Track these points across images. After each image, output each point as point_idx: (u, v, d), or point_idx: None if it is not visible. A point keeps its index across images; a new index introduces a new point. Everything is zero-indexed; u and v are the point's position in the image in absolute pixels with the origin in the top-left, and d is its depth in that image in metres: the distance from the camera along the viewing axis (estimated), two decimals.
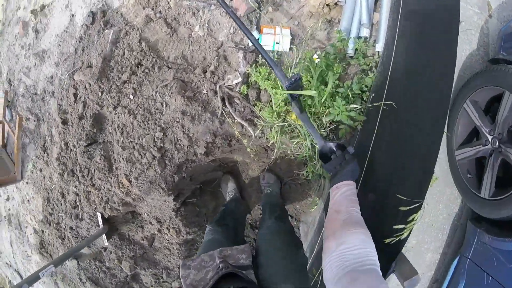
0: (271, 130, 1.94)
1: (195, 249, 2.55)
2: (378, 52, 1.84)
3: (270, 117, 1.86)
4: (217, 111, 1.99)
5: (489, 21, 2.24)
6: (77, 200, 2.38)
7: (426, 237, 2.28)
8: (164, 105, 2.08)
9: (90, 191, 2.27)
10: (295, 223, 2.58)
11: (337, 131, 1.93)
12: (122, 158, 2.06)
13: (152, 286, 2.56)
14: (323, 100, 1.72)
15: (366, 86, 1.74)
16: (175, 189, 2.09)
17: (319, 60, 1.75)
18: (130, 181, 2.02)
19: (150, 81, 2.13)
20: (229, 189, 2.56)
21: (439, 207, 2.25)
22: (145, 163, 2.00)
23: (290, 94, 1.34)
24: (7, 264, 3.80)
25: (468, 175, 2.02)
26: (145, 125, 2.10)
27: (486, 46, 2.21)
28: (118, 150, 2.09)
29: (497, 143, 1.79)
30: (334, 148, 1.37)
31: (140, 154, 2.03)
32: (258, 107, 1.95)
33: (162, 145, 2.00)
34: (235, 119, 1.96)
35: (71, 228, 2.50)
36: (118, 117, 2.16)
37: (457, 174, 2.06)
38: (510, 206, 1.62)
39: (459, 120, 2.05)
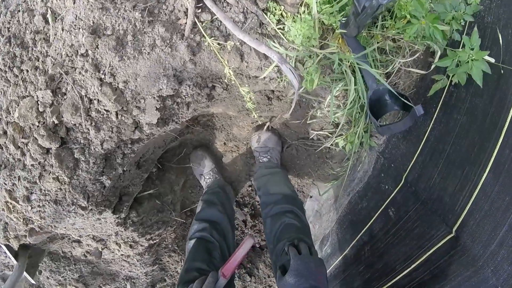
0: (302, 65, 0.99)
1: (165, 248, 1.79)
2: None
3: (304, 37, 0.89)
4: (183, 22, 0.95)
5: None
6: None
7: None
8: (52, 26, 0.98)
9: None
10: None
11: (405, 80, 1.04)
12: None
13: None
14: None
15: None
16: (110, 196, 1.16)
17: None
18: (17, 202, 1.04)
19: None
20: (205, 171, 1.68)
21: None
22: (32, 165, 1.00)
23: None
24: None
25: None
26: (14, 75, 1.02)
27: None
28: None
29: None
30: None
31: (18, 147, 1.01)
32: (274, 13, 0.93)
33: (56, 120, 0.98)
34: (226, 38, 0.96)
35: None
36: None
37: None
38: None
39: None
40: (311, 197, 1.75)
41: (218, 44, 0.95)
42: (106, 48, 0.92)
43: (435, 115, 1.00)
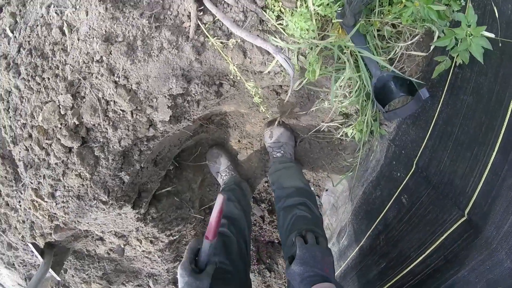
0: (304, 57, 1.02)
1: (185, 244, 1.85)
2: None
3: (303, 30, 0.92)
4: (187, 25, 1.02)
5: None
6: (2, 224, 1.52)
7: None
8: (68, 37, 1.08)
9: (6, 213, 1.40)
10: (312, 189, 1.86)
11: (408, 63, 1.04)
12: (19, 160, 1.14)
13: None
14: None
15: None
16: (130, 192, 1.24)
17: None
18: (43, 199, 1.14)
19: None
20: (222, 168, 1.73)
21: None
22: (55, 164, 1.10)
23: None
24: None
25: None
26: (36, 83, 1.12)
27: None
28: (8, 144, 1.15)
29: None
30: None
31: (42, 148, 1.11)
32: (273, 10, 0.98)
33: (77, 121, 1.07)
34: (228, 37, 1.01)
35: (9, 262, 1.71)
36: None
37: None
38: None
39: None
40: (326, 190, 1.75)
41: (221, 43, 1.00)
42: (119, 53, 1.01)
43: (442, 98, 0.99)
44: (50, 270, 1.49)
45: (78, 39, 1.07)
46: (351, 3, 0.78)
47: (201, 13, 1.00)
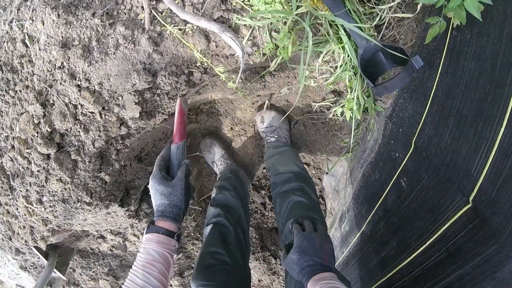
0: (271, 37, 0.90)
1: (187, 236, 1.83)
2: None
3: (267, 3, 0.81)
4: (142, 16, 0.94)
5: None
6: (7, 230, 1.57)
7: None
8: (31, 48, 1.03)
9: (9, 221, 1.42)
10: (313, 172, 1.76)
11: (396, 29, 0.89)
12: (7, 170, 1.13)
13: None
14: None
15: None
16: (114, 191, 1.20)
17: None
18: (33, 205, 1.13)
19: None
20: (216, 158, 1.67)
21: None
22: (37, 171, 1.08)
23: None
24: None
25: None
26: (11, 96, 1.09)
27: None
28: None
29: None
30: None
31: (24, 157, 1.09)
32: None
33: (49, 128, 1.03)
34: (186, 22, 0.90)
35: (22, 266, 1.76)
36: None
37: None
38: None
39: None
40: (327, 173, 1.64)
41: (179, 29, 0.89)
42: (75, 57, 0.97)
43: (441, 66, 0.84)
44: (55, 270, 1.52)
45: (39, 49, 1.03)
46: None
47: (155, 2, 0.90)
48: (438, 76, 0.85)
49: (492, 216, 0.71)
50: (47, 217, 1.20)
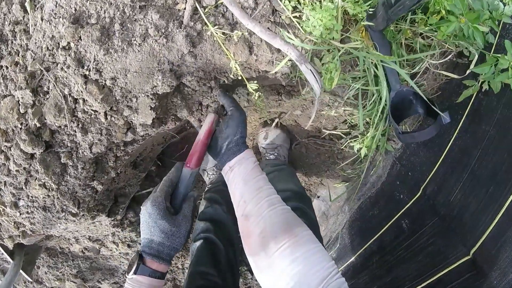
0: (319, 60, 0.88)
1: None
2: None
3: (324, 28, 0.78)
4: (181, 6, 0.82)
5: None
6: None
7: None
8: (31, 15, 0.89)
9: None
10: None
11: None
12: None
13: None
14: None
15: None
16: (104, 200, 1.11)
17: None
18: (6, 207, 0.99)
19: None
20: (208, 166, 1.61)
21: None
22: (16, 171, 0.93)
23: None
24: None
25: None
26: None
27: None
28: None
29: None
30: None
31: (1, 151, 0.94)
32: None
33: (38, 123, 0.89)
34: (233, 27, 0.83)
35: None
36: None
37: None
38: None
39: None
40: (318, 197, 1.68)
41: (223, 33, 0.82)
42: (90, 39, 0.80)
43: (461, 124, 0.90)
44: (21, 271, 1.37)
45: (42, 19, 0.86)
46: (390, 6, 0.65)
47: None
48: (457, 132, 0.90)
49: (490, 270, 0.77)
50: (21, 222, 1.06)
